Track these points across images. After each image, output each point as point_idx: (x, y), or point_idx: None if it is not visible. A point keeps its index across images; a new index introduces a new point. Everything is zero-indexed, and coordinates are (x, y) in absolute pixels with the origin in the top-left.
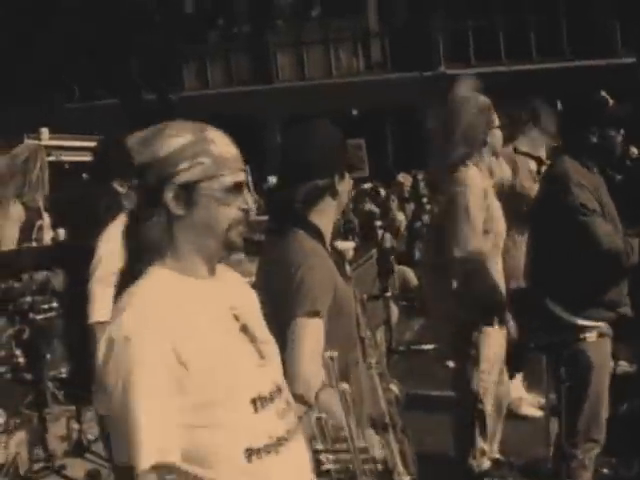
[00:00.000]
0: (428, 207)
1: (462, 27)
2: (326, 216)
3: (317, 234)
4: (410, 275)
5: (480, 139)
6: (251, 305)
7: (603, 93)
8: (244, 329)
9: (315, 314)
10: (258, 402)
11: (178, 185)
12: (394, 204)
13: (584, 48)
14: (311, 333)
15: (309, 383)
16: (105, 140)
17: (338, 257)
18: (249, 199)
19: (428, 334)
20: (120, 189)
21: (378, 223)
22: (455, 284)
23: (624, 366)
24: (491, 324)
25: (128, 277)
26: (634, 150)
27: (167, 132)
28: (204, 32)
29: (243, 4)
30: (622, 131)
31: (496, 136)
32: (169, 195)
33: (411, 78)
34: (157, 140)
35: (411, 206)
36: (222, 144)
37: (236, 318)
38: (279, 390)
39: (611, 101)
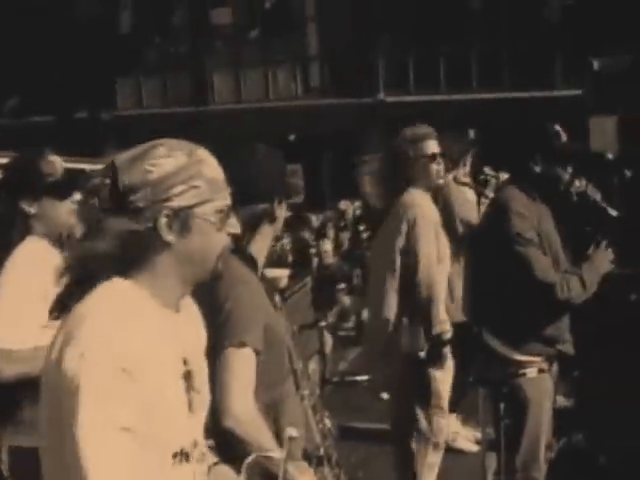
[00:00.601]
0: (365, 235)
1: (403, 54)
2: (260, 242)
3: (250, 260)
4: (348, 304)
5: (400, 171)
6: (200, 348)
7: (557, 127)
8: (187, 376)
9: (244, 345)
10: (178, 457)
11: (172, 210)
12: (330, 232)
13: (524, 79)
14: (241, 364)
15: (239, 417)
16: (19, 157)
17: (269, 286)
18: (236, 223)
19: (363, 365)
20: (29, 209)
21: (312, 251)
22: (406, 318)
23: (562, 401)
24: (442, 362)
25: (76, 293)
26: (580, 183)
27: (159, 152)
28: (140, 50)
29: (181, 23)
30: (570, 168)
31: (430, 168)
32: (162, 221)
33: (349, 104)
34: (148, 161)
35: (346, 234)
36: (213, 165)
37: (184, 362)
38: (196, 446)
39: (564, 135)
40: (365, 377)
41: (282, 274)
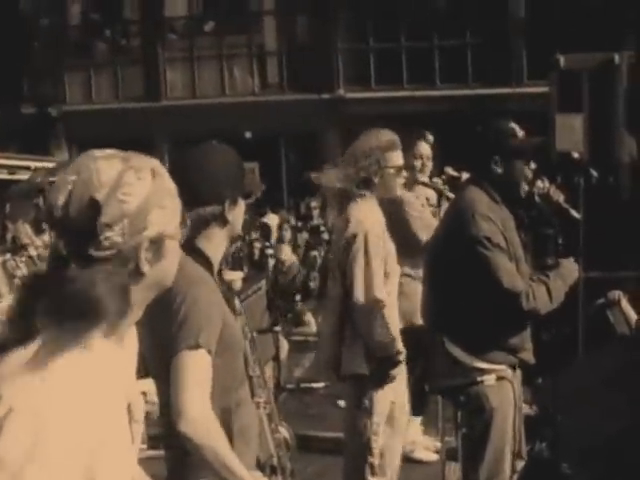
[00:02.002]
0: (326, 236)
1: (364, 49)
2: (215, 243)
3: (205, 262)
4: (304, 309)
5: (361, 177)
6: (134, 373)
7: (512, 124)
8: (129, 407)
9: (199, 346)
10: None
11: (150, 239)
12: (287, 233)
13: (489, 75)
14: (196, 367)
15: (196, 421)
16: None
17: (228, 289)
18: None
19: (320, 371)
20: None
21: (269, 252)
22: (349, 330)
23: (524, 409)
24: (384, 380)
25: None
26: (543, 184)
27: (128, 178)
28: (90, 43)
29: (133, 15)
30: (532, 165)
31: (388, 177)
32: (143, 255)
33: (308, 100)
34: (120, 189)
35: (304, 235)
36: (167, 176)
37: (126, 394)
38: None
39: (520, 132)
40: (322, 384)
41: (236, 277)
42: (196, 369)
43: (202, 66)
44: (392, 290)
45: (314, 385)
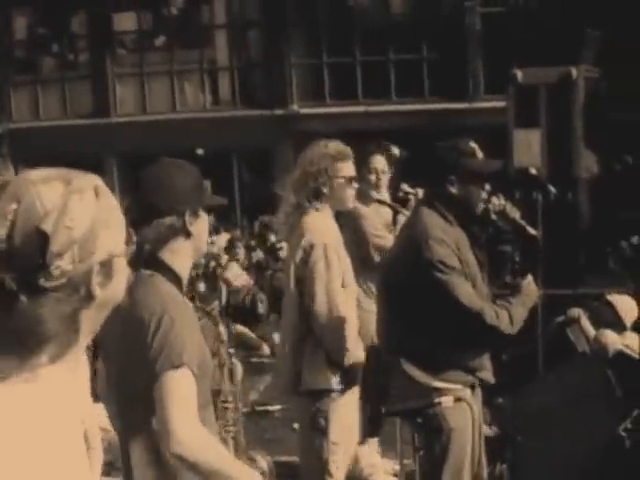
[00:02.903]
0: (282, 254)
1: (317, 63)
2: (180, 257)
3: (174, 277)
4: (248, 333)
5: (310, 188)
6: (89, 400)
7: (472, 144)
8: (85, 435)
9: (183, 365)
10: None
11: (100, 262)
12: (240, 252)
13: (446, 90)
14: (181, 387)
15: (186, 441)
16: None
17: (198, 307)
18: None
19: (275, 394)
20: None
21: (220, 272)
22: (309, 345)
23: (484, 430)
24: (343, 392)
25: None
26: (499, 201)
27: (73, 202)
28: (37, 58)
29: (81, 30)
30: (487, 186)
31: (338, 188)
32: (94, 277)
33: (262, 116)
34: (66, 215)
35: (258, 254)
36: (109, 192)
37: (82, 421)
38: None
39: (480, 153)
40: (277, 407)
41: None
42: (181, 388)
43: (152, 81)
44: (350, 303)
45: (270, 408)
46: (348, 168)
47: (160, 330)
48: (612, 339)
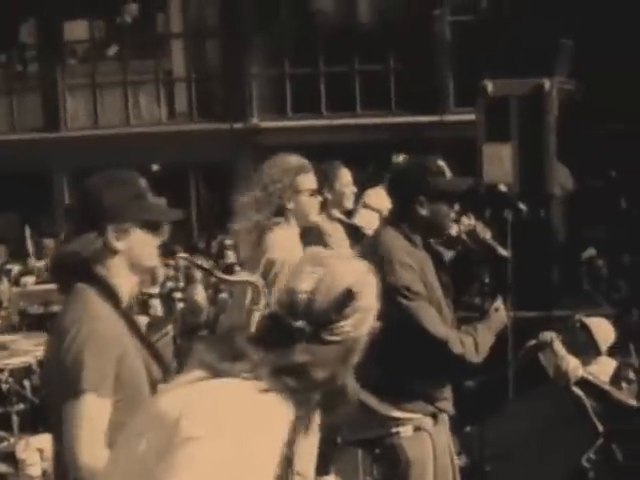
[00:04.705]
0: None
1: (279, 75)
2: (113, 273)
3: (109, 293)
4: None
5: (275, 203)
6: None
7: (440, 162)
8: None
9: (94, 391)
10: None
11: (364, 334)
12: (198, 273)
13: (414, 102)
14: (90, 413)
15: (88, 467)
16: None
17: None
18: None
19: None
20: None
21: (177, 295)
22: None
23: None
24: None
25: None
26: (470, 221)
27: (370, 276)
28: None
29: (30, 39)
30: (457, 206)
31: (302, 202)
32: (360, 344)
33: (220, 130)
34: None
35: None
36: None
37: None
38: None
39: (448, 172)
40: None
41: (139, 322)
42: (89, 415)
43: (105, 93)
44: None
45: None
46: (310, 181)
47: (73, 348)
48: (573, 366)
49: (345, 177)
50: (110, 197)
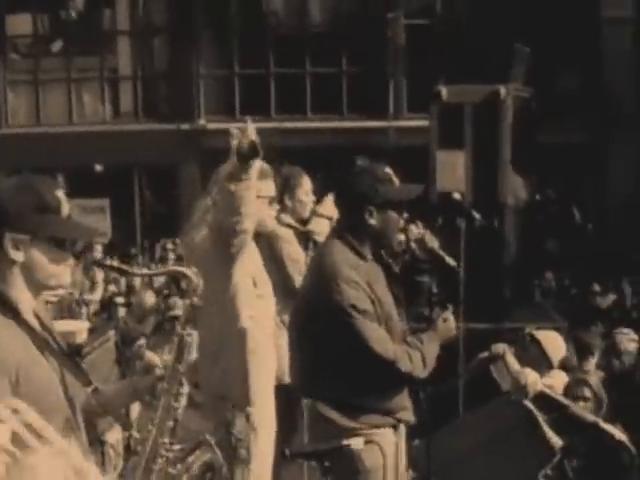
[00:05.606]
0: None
1: (228, 75)
2: (10, 284)
3: (8, 308)
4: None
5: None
6: None
7: (387, 170)
8: None
9: None
10: None
11: None
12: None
13: (366, 106)
14: None
15: None
16: None
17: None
18: None
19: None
20: None
21: (120, 300)
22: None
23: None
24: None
25: None
26: (418, 229)
27: None
28: None
29: None
30: (405, 214)
31: (260, 208)
32: None
33: (166, 131)
34: None
35: (160, 279)
36: None
37: None
38: None
39: (396, 180)
40: (178, 446)
41: (79, 327)
42: None
43: (48, 90)
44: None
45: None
46: (268, 187)
47: None
48: (532, 379)
49: (306, 185)
50: (14, 204)
